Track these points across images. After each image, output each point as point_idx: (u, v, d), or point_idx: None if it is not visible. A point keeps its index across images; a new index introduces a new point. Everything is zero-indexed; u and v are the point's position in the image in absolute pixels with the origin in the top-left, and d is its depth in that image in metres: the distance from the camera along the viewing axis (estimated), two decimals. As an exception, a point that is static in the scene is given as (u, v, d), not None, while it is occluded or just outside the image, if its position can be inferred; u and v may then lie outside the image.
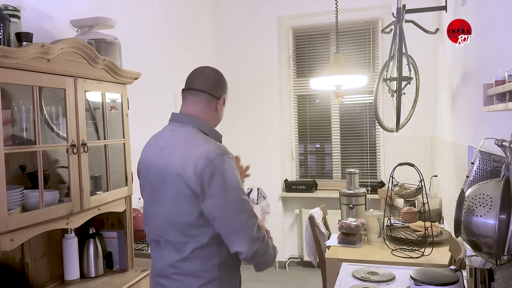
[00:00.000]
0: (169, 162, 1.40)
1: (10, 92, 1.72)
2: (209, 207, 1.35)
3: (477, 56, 2.07)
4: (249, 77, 4.57)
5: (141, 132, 3.16)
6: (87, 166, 2.00)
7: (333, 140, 4.57)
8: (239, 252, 1.38)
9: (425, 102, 3.92)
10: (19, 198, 1.70)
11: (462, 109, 2.48)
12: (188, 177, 1.34)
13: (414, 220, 2.79)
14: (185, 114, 1.54)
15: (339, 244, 2.69)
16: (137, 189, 2.91)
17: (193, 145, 1.41)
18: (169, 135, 1.49)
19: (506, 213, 1.12)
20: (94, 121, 2.23)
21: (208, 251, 1.41)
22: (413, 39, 3.56)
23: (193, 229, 1.39)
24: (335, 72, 3.11)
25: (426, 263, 2.28)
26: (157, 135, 1.56)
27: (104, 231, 2.36)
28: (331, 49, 4.51)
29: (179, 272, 1.42)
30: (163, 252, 1.45)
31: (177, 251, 1.42)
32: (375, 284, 1.83)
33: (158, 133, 1.57)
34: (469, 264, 1.38)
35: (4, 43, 1.67)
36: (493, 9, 1.77)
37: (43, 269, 2.10)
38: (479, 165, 1.46)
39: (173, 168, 1.38)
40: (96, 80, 2.10)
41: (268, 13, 4.50)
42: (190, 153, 1.37)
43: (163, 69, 3.53)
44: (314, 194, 4.46)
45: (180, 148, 1.41)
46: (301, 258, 4.63)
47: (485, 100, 1.46)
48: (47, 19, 2.27)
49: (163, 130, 1.55)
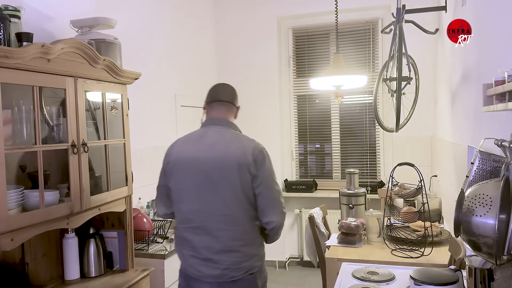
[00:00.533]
0: (227, 153, 1.80)
1: (10, 92, 1.72)
2: (258, 185, 1.80)
3: (477, 56, 2.07)
4: (249, 77, 4.57)
5: (141, 132, 3.17)
6: (87, 166, 2.00)
7: (333, 140, 4.57)
8: (271, 222, 1.83)
9: (425, 102, 3.92)
10: (19, 198, 1.70)
11: (461, 109, 2.48)
12: (248, 162, 1.78)
13: (414, 220, 2.79)
14: (223, 119, 1.93)
15: (339, 244, 2.69)
16: (137, 189, 2.92)
17: (244, 140, 1.86)
18: (216, 134, 1.88)
19: (506, 213, 1.12)
20: (94, 121, 2.23)
21: (255, 222, 1.85)
22: (413, 39, 3.56)
23: (248, 205, 1.81)
24: (335, 72, 3.11)
25: (426, 263, 2.29)
26: (197, 136, 1.91)
27: (104, 231, 2.36)
28: (331, 49, 4.51)
29: (246, 243, 1.82)
30: (225, 230, 1.80)
31: (239, 225, 1.80)
32: (375, 284, 1.84)
33: (195, 134, 1.93)
34: (469, 264, 1.38)
35: (4, 43, 1.67)
36: (493, 9, 1.77)
37: (43, 269, 2.11)
38: (478, 165, 1.46)
39: (233, 157, 1.79)
40: (97, 80, 2.10)
41: (268, 13, 4.51)
42: (245, 146, 1.82)
43: (163, 69, 3.53)
44: (314, 194, 4.46)
45: (234, 143, 1.83)
46: (301, 258, 4.63)
47: (485, 100, 1.46)
48: (47, 19, 2.27)
49: (204, 131, 1.91)
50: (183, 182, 1.85)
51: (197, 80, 4.20)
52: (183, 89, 3.87)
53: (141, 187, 3.08)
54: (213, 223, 1.80)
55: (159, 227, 2.77)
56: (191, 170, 1.83)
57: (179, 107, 3.75)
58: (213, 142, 1.84)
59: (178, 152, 1.90)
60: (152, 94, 3.34)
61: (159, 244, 2.61)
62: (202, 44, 4.37)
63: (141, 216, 2.63)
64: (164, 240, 2.68)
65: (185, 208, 1.86)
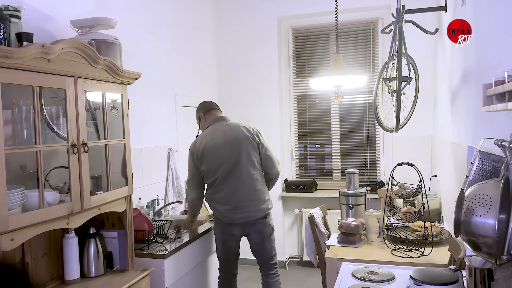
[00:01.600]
0: (239, 134, 2.81)
1: (10, 92, 1.72)
2: (264, 150, 2.86)
3: (476, 56, 2.07)
4: (249, 77, 4.57)
5: (141, 132, 3.17)
6: (87, 166, 2.00)
7: (333, 140, 4.57)
8: (276, 173, 2.92)
9: (425, 102, 3.92)
10: (19, 198, 1.70)
11: (461, 109, 2.48)
12: (253, 136, 2.83)
13: (414, 220, 2.79)
14: (222, 116, 2.98)
15: (339, 244, 2.69)
16: (137, 189, 2.92)
17: (243, 125, 2.88)
18: (226, 125, 2.88)
19: (506, 213, 1.12)
20: (94, 121, 2.23)
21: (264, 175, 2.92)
22: (413, 39, 3.56)
23: (259, 165, 2.85)
24: (335, 72, 3.12)
25: (425, 263, 2.29)
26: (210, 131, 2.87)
27: (104, 231, 2.36)
28: (331, 49, 4.51)
29: (262, 191, 2.85)
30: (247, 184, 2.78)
31: (255, 180, 2.81)
32: (375, 284, 1.84)
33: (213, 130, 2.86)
34: (469, 264, 1.38)
35: (4, 43, 1.67)
36: (492, 9, 1.77)
37: (43, 269, 2.11)
38: (478, 165, 1.46)
39: (243, 135, 2.81)
40: (97, 80, 2.10)
41: (268, 13, 4.51)
42: (244, 126, 2.86)
43: (163, 69, 3.53)
44: (314, 194, 4.46)
45: (240, 128, 2.84)
46: (301, 257, 4.63)
47: (485, 100, 1.46)
48: (48, 20, 2.27)
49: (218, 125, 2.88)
50: (214, 161, 2.77)
51: (197, 80, 4.20)
52: (183, 89, 3.87)
53: (141, 187, 3.08)
54: (238, 182, 2.76)
55: (159, 227, 2.77)
56: (216, 152, 2.77)
57: (179, 107, 3.75)
58: (226, 130, 2.84)
59: (202, 144, 2.81)
60: (152, 94, 3.34)
61: (159, 244, 2.61)
62: (202, 44, 4.37)
63: (141, 216, 2.63)
64: (164, 240, 2.68)
65: (218, 176, 2.77)
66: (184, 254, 2.67)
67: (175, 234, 2.81)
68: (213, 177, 2.79)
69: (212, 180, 2.81)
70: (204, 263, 3.00)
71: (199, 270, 2.92)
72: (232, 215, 2.78)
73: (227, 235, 2.85)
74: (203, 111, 2.97)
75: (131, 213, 2.38)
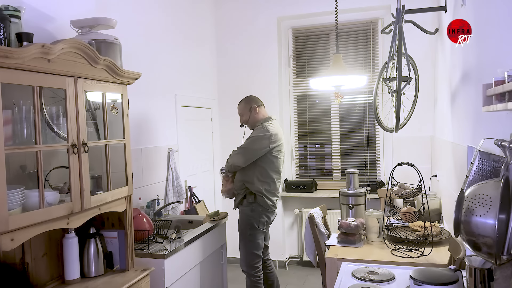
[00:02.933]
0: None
1: (10, 92, 1.72)
2: None
3: (476, 56, 2.07)
4: (249, 77, 4.57)
5: (141, 132, 3.17)
6: (87, 166, 2.00)
7: (333, 140, 4.58)
8: None
9: (425, 102, 3.92)
10: (19, 198, 1.70)
11: (461, 109, 2.48)
12: None
13: (414, 220, 2.79)
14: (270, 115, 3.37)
15: (339, 244, 2.69)
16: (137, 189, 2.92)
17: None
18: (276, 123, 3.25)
19: (506, 213, 1.13)
20: (94, 121, 2.23)
21: None
22: (412, 39, 3.57)
23: None
24: (335, 72, 3.12)
25: (425, 262, 2.29)
26: (277, 124, 3.24)
27: (104, 231, 2.36)
28: (331, 49, 4.51)
29: None
30: None
31: None
32: (375, 284, 1.84)
33: (276, 123, 3.23)
34: (469, 263, 1.38)
35: (4, 43, 1.67)
36: (492, 9, 1.77)
37: (43, 268, 2.11)
38: (478, 165, 1.46)
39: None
40: (97, 80, 2.10)
41: (268, 13, 4.51)
42: None
43: (163, 69, 3.53)
44: (314, 194, 4.46)
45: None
46: (301, 257, 4.64)
47: (485, 100, 1.46)
48: (48, 20, 2.27)
49: (274, 122, 3.21)
50: (281, 154, 3.20)
51: (197, 80, 4.20)
52: (183, 89, 3.87)
53: (141, 187, 3.08)
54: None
55: (159, 227, 2.77)
56: (282, 147, 3.23)
57: (179, 107, 3.75)
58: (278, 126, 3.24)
59: (279, 135, 3.16)
60: (152, 94, 3.34)
61: (159, 244, 2.61)
62: (202, 44, 4.37)
63: (141, 216, 2.63)
64: (164, 240, 2.68)
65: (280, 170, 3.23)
66: (184, 254, 2.67)
67: (175, 234, 2.81)
68: (278, 168, 3.18)
69: (277, 171, 3.19)
70: (204, 263, 3.00)
71: (199, 270, 2.92)
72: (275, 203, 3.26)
73: (269, 225, 3.27)
74: (256, 104, 3.22)
75: (131, 213, 2.38)
